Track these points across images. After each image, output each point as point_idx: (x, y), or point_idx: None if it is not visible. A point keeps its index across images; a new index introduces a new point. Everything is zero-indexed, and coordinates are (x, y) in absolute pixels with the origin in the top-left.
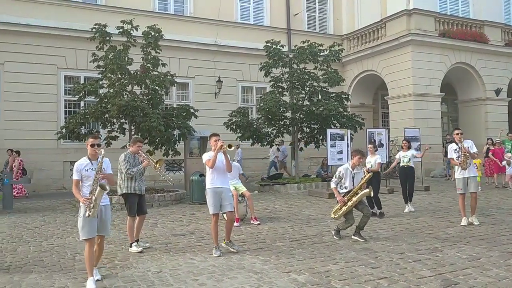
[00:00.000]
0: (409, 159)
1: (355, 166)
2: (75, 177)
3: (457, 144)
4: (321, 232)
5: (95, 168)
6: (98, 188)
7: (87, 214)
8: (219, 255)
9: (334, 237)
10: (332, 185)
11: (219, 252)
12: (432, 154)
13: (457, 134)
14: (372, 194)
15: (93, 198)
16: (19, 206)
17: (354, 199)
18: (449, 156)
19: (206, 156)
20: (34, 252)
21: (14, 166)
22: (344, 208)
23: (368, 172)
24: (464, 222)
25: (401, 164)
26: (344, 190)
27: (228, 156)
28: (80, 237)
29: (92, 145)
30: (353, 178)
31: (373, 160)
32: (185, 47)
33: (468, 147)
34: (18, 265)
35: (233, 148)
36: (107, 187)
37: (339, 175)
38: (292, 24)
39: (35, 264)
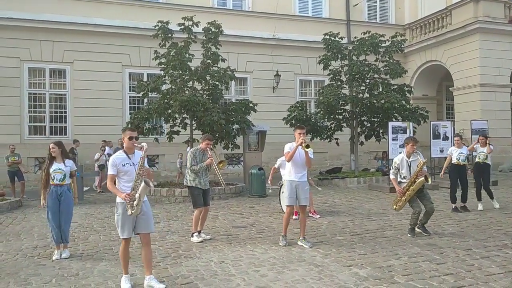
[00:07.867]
0: (487, 156)
1: (410, 154)
2: (111, 172)
3: None
4: (383, 227)
5: (132, 163)
6: (143, 184)
7: (129, 212)
8: (285, 245)
9: (408, 234)
10: (391, 176)
11: (285, 242)
12: (501, 148)
13: None
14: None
15: (137, 195)
16: (89, 198)
17: (412, 187)
18: None
19: (287, 148)
20: (104, 241)
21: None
22: (403, 198)
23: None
24: None
25: (477, 160)
26: (404, 181)
27: (309, 152)
28: (120, 235)
29: (130, 138)
30: (409, 166)
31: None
32: (243, 42)
33: None
34: (89, 253)
35: (310, 149)
36: (151, 184)
37: (395, 166)
38: (352, 15)
39: (105, 252)
